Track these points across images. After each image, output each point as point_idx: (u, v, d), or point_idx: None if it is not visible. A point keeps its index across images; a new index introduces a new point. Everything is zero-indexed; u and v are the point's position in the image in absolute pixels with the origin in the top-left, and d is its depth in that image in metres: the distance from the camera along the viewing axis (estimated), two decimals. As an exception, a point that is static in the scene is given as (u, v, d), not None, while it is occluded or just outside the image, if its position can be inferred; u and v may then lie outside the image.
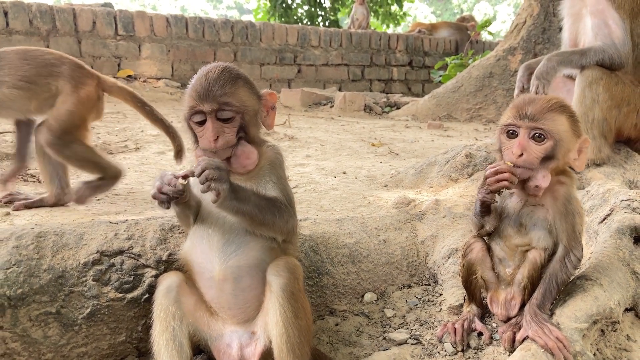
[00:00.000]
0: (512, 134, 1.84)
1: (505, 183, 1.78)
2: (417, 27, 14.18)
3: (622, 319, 1.89)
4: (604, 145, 3.21)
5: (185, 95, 1.78)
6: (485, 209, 1.92)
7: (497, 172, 1.78)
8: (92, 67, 8.94)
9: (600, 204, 2.42)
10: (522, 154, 1.78)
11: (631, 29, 3.34)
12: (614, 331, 1.86)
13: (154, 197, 1.67)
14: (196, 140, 1.78)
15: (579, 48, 3.31)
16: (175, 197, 1.67)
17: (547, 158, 1.79)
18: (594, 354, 1.76)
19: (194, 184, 1.81)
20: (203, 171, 1.58)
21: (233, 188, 1.63)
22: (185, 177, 1.68)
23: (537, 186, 1.81)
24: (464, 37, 13.72)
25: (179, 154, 3.10)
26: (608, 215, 2.27)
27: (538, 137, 1.79)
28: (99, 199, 2.91)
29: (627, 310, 1.94)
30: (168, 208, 1.70)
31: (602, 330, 1.83)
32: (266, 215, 1.72)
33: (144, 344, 1.89)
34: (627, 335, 1.89)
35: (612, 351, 1.82)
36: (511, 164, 1.80)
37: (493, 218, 1.95)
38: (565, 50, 3.34)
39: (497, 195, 1.87)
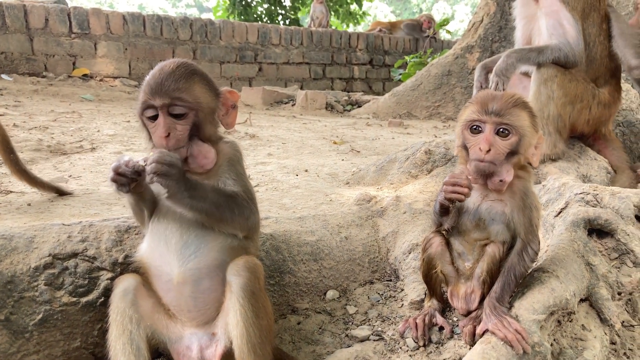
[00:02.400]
0: (476, 130, 1.85)
1: (460, 197, 1.80)
2: (378, 26, 14.27)
3: (578, 309, 1.93)
4: (559, 141, 3.29)
5: (140, 89, 1.73)
6: (444, 210, 1.93)
7: (455, 184, 1.80)
8: (45, 66, 8.61)
9: (556, 197, 2.48)
10: (489, 150, 1.80)
11: (583, 29, 3.47)
12: (570, 321, 1.90)
13: (113, 180, 1.62)
14: (151, 139, 1.74)
15: (537, 45, 3.40)
16: (133, 177, 1.61)
17: (512, 153, 1.82)
18: (551, 344, 1.79)
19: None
20: (150, 165, 1.55)
21: (187, 185, 1.60)
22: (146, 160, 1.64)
23: (501, 180, 1.84)
24: (422, 35, 13.88)
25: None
26: (563, 208, 2.32)
27: (503, 132, 1.80)
28: (52, 201, 2.81)
29: (582, 300, 1.98)
30: (128, 192, 1.65)
31: (559, 321, 1.87)
32: (224, 212, 1.69)
33: (100, 349, 1.83)
34: (582, 325, 1.93)
35: (568, 341, 1.86)
36: (471, 178, 1.83)
37: (451, 217, 1.97)
38: (523, 48, 3.41)
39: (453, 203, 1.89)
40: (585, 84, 3.35)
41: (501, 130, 1.81)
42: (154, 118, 1.69)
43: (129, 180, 1.62)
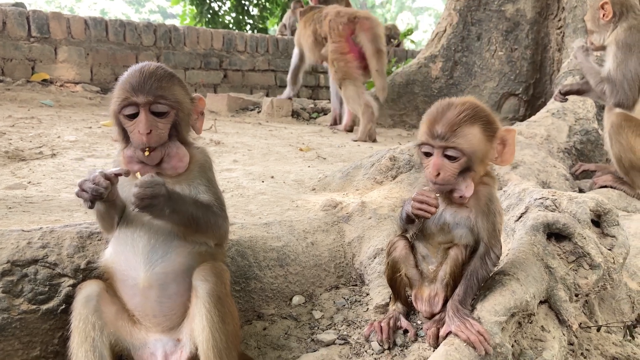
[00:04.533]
0: (427, 154, 1.84)
1: (427, 215, 1.81)
2: None
3: (537, 311, 1.99)
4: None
5: (115, 89, 1.72)
6: (411, 220, 1.95)
7: (423, 202, 1.81)
8: (2, 70, 8.37)
9: (517, 203, 2.54)
10: (438, 174, 1.80)
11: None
12: (530, 323, 1.95)
13: (77, 195, 1.60)
14: (124, 139, 1.72)
15: None
16: (96, 196, 1.59)
17: (465, 170, 1.82)
18: (512, 345, 1.83)
19: (121, 185, 1.74)
20: (136, 202, 1.53)
21: (170, 202, 1.59)
22: (117, 175, 1.62)
23: (461, 197, 1.87)
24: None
25: None
26: (523, 213, 2.38)
27: (451, 157, 1.79)
28: (10, 208, 2.74)
29: (541, 302, 2.03)
30: (91, 207, 1.62)
31: (519, 322, 1.92)
32: (200, 223, 1.69)
33: (61, 357, 1.79)
34: (542, 326, 1.99)
35: (528, 342, 1.91)
36: (438, 195, 1.84)
37: (417, 225, 1.99)
38: None
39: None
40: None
41: (448, 154, 1.79)
42: (133, 117, 1.68)
43: (91, 197, 1.59)
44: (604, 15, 3.74)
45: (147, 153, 1.68)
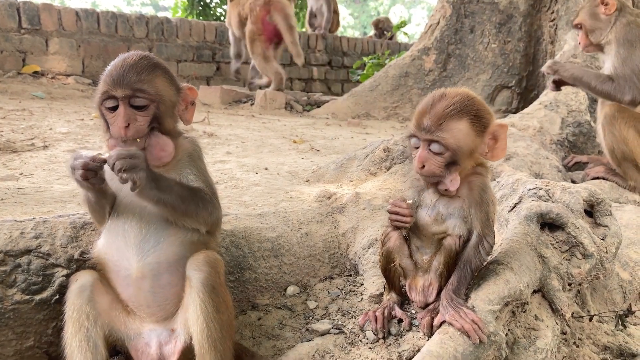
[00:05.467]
0: (415, 144, 1.84)
1: (404, 225, 1.84)
2: None
3: (531, 300, 1.99)
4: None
5: (100, 80, 1.71)
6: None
7: (397, 213, 1.82)
8: (-7, 62, 8.20)
9: (510, 193, 2.54)
10: (424, 166, 1.80)
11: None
12: (524, 312, 1.96)
13: (83, 178, 1.59)
14: (108, 129, 1.71)
15: None
16: (100, 169, 1.60)
17: (451, 164, 1.81)
18: (506, 334, 1.84)
19: (110, 176, 1.73)
20: (115, 162, 1.52)
21: (153, 177, 1.58)
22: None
23: (446, 190, 1.87)
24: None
25: None
26: (517, 203, 2.38)
27: (436, 150, 1.78)
28: (2, 199, 2.72)
29: (534, 291, 2.04)
30: (102, 183, 1.63)
31: (513, 312, 1.92)
32: (189, 205, 1.68)
33: (55, 347, 1.79)
34: (535, 315, 2.00)
35: (522, 331, 1.92)
36: (411, 202, 1.85)
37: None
38: None
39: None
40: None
41: (433, 147, 1.79)
42: (114, 109, 1.67)
43: (95, 173, 1.60)
44: (605, 10, 3.75)
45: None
